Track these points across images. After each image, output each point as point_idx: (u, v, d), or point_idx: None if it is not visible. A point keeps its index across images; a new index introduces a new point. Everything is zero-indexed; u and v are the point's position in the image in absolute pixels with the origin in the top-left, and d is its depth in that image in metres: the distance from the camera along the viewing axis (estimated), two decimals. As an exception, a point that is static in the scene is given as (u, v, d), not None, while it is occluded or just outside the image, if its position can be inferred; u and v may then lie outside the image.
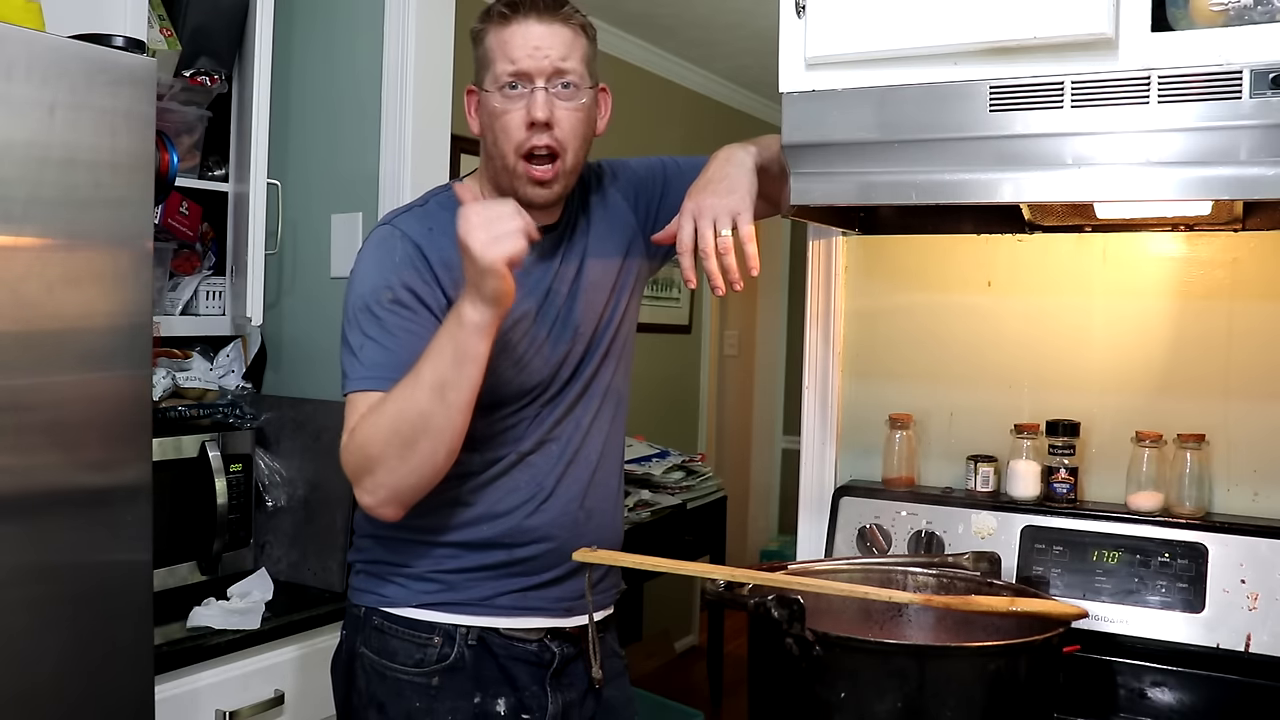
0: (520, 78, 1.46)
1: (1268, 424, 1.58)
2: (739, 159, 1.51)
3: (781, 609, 1.22)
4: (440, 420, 1.38)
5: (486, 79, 1.50)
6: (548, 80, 1.47)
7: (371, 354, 1.45)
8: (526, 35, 1.46)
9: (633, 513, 3.35)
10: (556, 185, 1.51)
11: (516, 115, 1.47)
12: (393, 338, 1.45)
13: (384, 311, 1.46)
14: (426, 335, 1.43)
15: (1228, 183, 1.20)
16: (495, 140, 1.50)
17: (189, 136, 2.28)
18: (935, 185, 1.33)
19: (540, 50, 1.46)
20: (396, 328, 1.45)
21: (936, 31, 1.30)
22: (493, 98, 1.48)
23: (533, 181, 1.49)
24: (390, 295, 1.46)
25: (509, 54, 1.46)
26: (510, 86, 1.47)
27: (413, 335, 1.45)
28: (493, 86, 1.48)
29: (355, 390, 1.45)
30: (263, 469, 2.34)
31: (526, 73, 1.46)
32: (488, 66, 1.49)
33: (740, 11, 3.96)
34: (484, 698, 1.53)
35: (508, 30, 1.47)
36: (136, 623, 1.66)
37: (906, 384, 1.82)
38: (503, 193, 1.53)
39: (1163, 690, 1.50)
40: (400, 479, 1.41)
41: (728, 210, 1.43)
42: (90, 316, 1.59)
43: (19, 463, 1.51)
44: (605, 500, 1.64)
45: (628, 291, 1.65)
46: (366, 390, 1.44)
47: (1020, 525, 1.63)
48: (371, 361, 1.45)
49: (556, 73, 1.47)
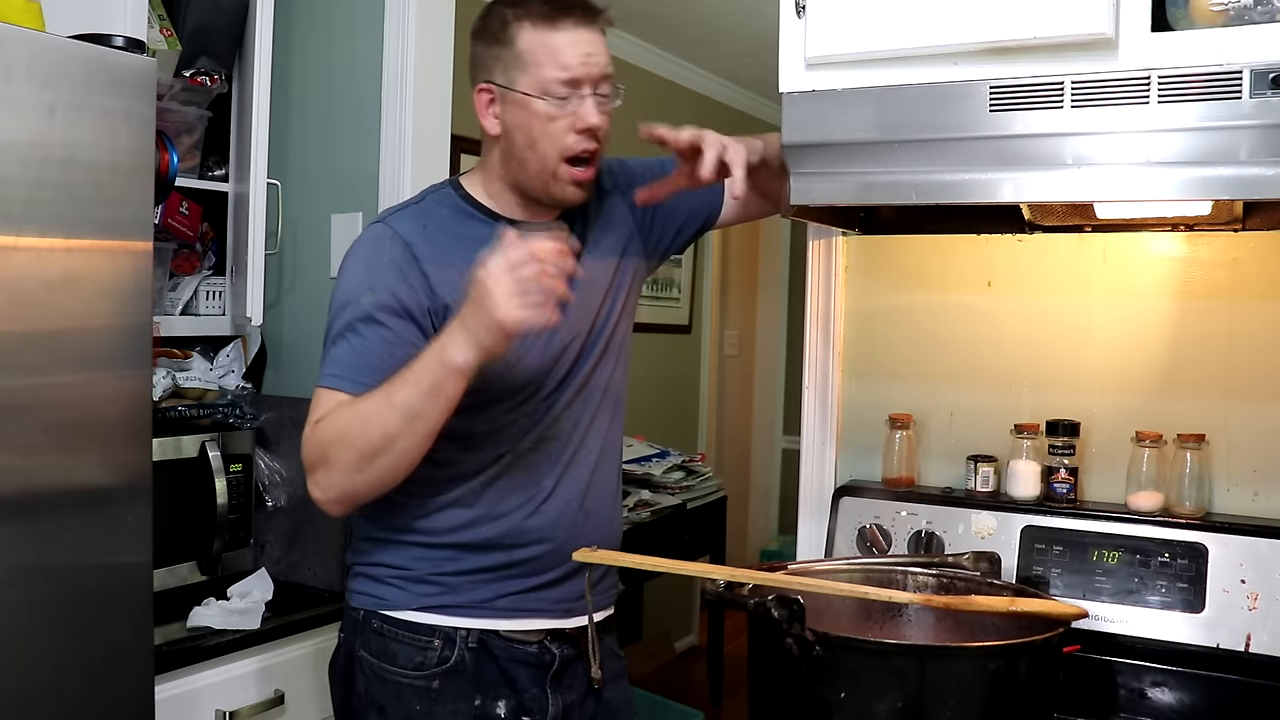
0: (574, 84, 1.45)
1: (1268, 424, 1.58)
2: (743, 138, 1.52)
3: (781, 609, 1.22)
4: (404, 444, 1.40)
5: (524, 81, 1.46)
6: (595, 86, 1.47)
7: (343, 354, 1.47)
8: (577, 41, 1.45)
9: (633, 513, 3.35)
10: (591, 185, 1.53)
11: (565, 121, 1.46)
12: (365, 341, 1.46)
13: (362, 314, 1.47)
14: (401, 342, 1.46)
15: (1228, 183, 1.20)
16: (533, 143, 1.48)
17: (189, 136, 2.28)
18: (935, 185, 1.33)
19: (591, 57, 1.46)
20: (371, 333, 1.46)
21: (936, 31, 1.30)
22: (536, 103, 1.46)
23: (574, 183, 1.50)
24: (371, 298, 1.47)
25: (560, 60, 1.44)
26: (562, 93, 1.45)
27: (386, 342, 1.46)
28: (535, 90, 1.45)
29: (323, 386, 1.47)
30: (263, 469, 2.34)
31: (579, 79, 1.45)
32: (526, 69, 1.46)
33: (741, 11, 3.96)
34: (484, 700, 1.53)
35: (556, 35, 1.45)
36: (136, 623, 1.66)
37: (906, 384, 1.82)
38: (523, 193, 1.54)
39: (1163, 690, 1.50)
40: (353, 484, 1.44)
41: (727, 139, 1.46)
42: (90, 316, 1.59)
43: (19, 463, 1.51)
44: (604, 500, 1.64)
45: (625, 290, 1.65)
46: (332, 389, 1.46)
47: (1020, 525, 1.63)
48: (341, 361, 1.47)
49: (604, 79, 1.48)
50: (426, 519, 1.54)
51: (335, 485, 1.45)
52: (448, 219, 1.54)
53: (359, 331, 1.47)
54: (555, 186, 1.50)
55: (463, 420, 1.52)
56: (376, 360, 1.45)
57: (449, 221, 1.54)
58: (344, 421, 1.43)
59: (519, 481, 1.54)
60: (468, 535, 1.53)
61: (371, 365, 1.45)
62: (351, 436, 1.41)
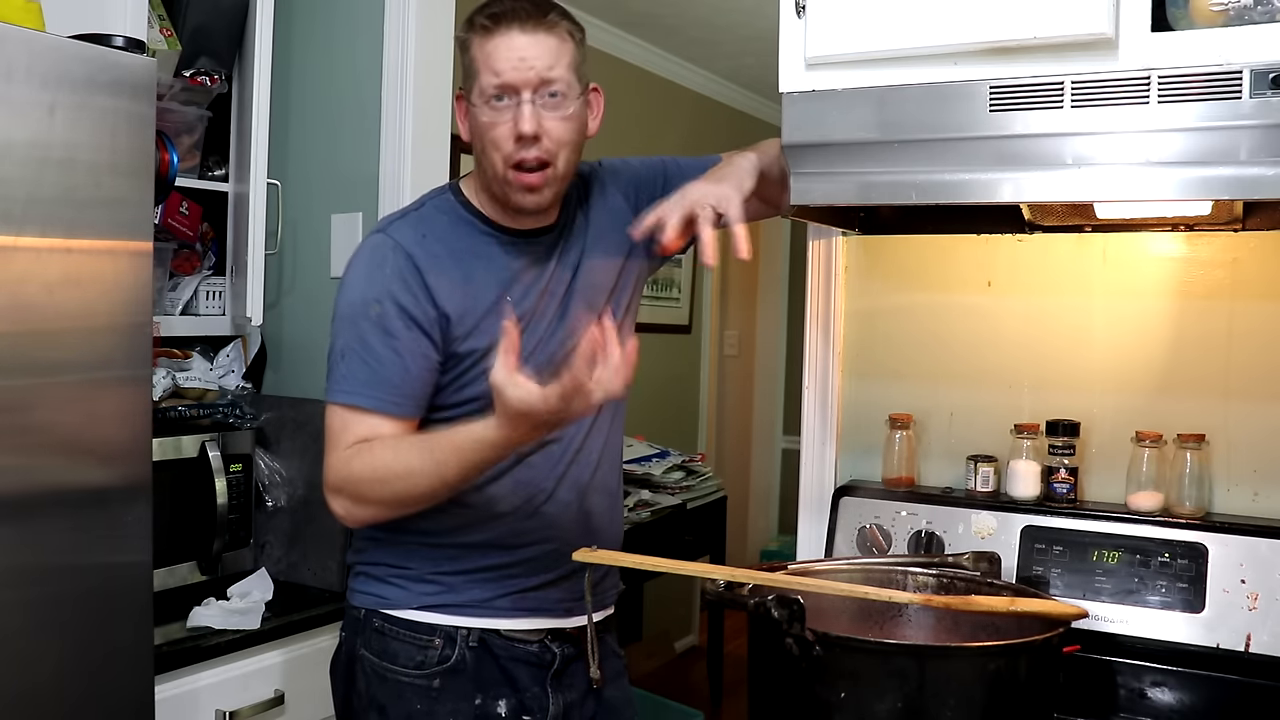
0: (506, 90, 1.44)
1: (1268, 424, 1.58)
2: (738, 162, 1.52)
3: (781, 609, 1.22)
4: (436, 497, 1.43)
5: (472, 90, 1.48)
6: (534, 92, 1.44)
7: (355, 368, 1.47)
8: (510, 47, 1.44)
9: (633, 513, 3.35)
10: (547, 191, 1.50)
11: (504, 128, 1.45)
12: (376, 355, 1.46)
13: (369, 326, 1.47)
14: (411, 354, 1.46)
15: (1228, 183, 1.20)
16: (484, 150, 1.49)
17: (189, 136, 2.28)
18: (935, 185, 1.33)
19: (525, 62, 1.43)
20: (382, 346, 1.46)
21: (936, 31, 1.30)
22: (480, 110, 1.47)
23: (524, 188, 1.48)
24: (377, 310, 1.46)
25: (493, 66, 1.44)
26: (496, 99, 1.45)
27: (397, 354, 1.46)
28: (479, 99, 1.46)
29: (335, 402, 1.47)
30: (263, 469, 2.34)
31: (512, 85, 1.44)
32: (474, 77, 1.47)
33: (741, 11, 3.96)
34: (485, 699, 1.53)
35: (491, 41, 1.44)
36: (136, 623, 1.66)
37: (906, 384, 1.82)
38: (496, 199, 1.53)
39: (1163, 690, 1.50)
40: (376, 517, 1.49)
41: (716, 195, 1.43)
42: (90, 316, 1.59)
43: (19, 463, 1.51)
44: (605, 500, 1.64)
45: (628, 291, 1.65)
46: (348, 405, 1.46)
47: (1020, 525, 1.63)
48: (354, 376, 1.47)
49: (543, 83, 1.45)
50: (427, 519, 1.53)
51: (359, 515, 1.48)
52: (446, 227, 1.54)
53: (369, 345, 1.46)
54: (510, 192, 1.49)
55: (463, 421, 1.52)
56: (389, 373, 1.46)
57: (447, 230, 1.54)
58: (382, 467, 1.43)
59: (519, 482, 1.54)
60: (468, 535, 1.54)
61: (384, 378, 1.45)
62: (389, 484, 1.43)
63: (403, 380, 1.46)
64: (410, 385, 1.47)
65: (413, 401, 1.48)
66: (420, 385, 1.48)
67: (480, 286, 1.51)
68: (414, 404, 1.48)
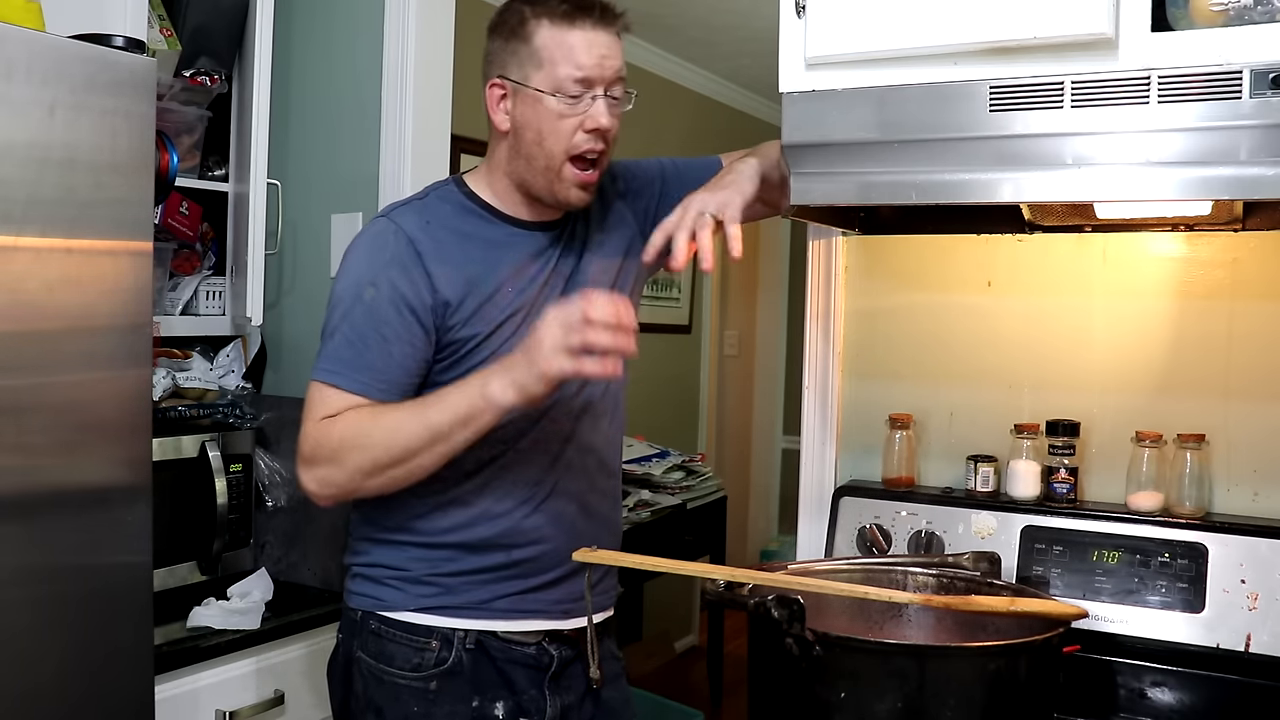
0: (586, 84, 1.46)
1: (1268, 424, 1.58)
2: (739, 169, 1.54)
3: (781, 609, 1.22)
4: (422, 460, 1.42)
5: (538, 78, 1.47)
6: (607, 88, 1.48)
7: (339, 348, 1.48)
8: (593, 42, 1.46)
9: (633, 513, 3.35)
10: (594, 187, 1.53)
11: (574, 120, 1.47)
12: (363, 337, 1.47)
13: (360, 308, 1.47)
14: (399, 340, 1.47)
15: (1228, 183, 1.20)
16: (541, 140, 1.49)
17: (189, 136, 2.28)
18: (935, 185, 1.33)
19: (606, 59, 1.47)
20: (370, 328, 1.47)
21: (936, 31, 1.30)
22: (548, 99, 1.46)
23: (578, 185, 1.50)
24: (372, 293, 1.47)
25: (575, 59, 1.45)
26: (574, 93, 1.46)
27: (385, 339, 1.47)
28: (548, 88, 1.46)
29: (318, 379, 1.48)
30: (263, 469, 2.34)
31: (592, 79, 1.46)
32: (541, 66, 1.46)
33: (740, 11, 3.96)
34: (482, 701, 1.53)
35: (573, 34, 1.45)
36: (137, 623, 1.66)
37: (906, 384, 1.82)
38: (528, 191, 1.54)
39: (1163, 690, 1.50)
40: (356, 487, 1.47)
41: (716, 202, 1.46)
42: (90, 316, 1.59)
43: (19, 463, 1.51)
44: (604, 500, 1.64)
45: (627, 290, 1.65)
46: (328, 383, 1.47)
47: (1020, 525, 1.63)
48: (338, 356, 1.48)
49: (617, 80, 1.49)
50: (423, 519, 1.54)
51: (338, 484, 1.46)
52: (450, 215, 1.55)
53: (357, 327, 1.47)
54: (559, 186, 1.50)
55: None
56: (374, 357, 1.46)
57: (451, 218, 1.54)
58: (364, 428, 1.44)
59: (517, 481, 1.54)
60: (465, 535, 1.53)
61: (368, 362, 1.46)
62: (370, 444, 1.43)
63: (385, 365, 1.46)
64: (392, 371, 1.47)
65: (395, 387, 1.48)
66: (403, 372, 1.48)
67: (482, 273, 1.51)
68: (396, 390, 1.48)
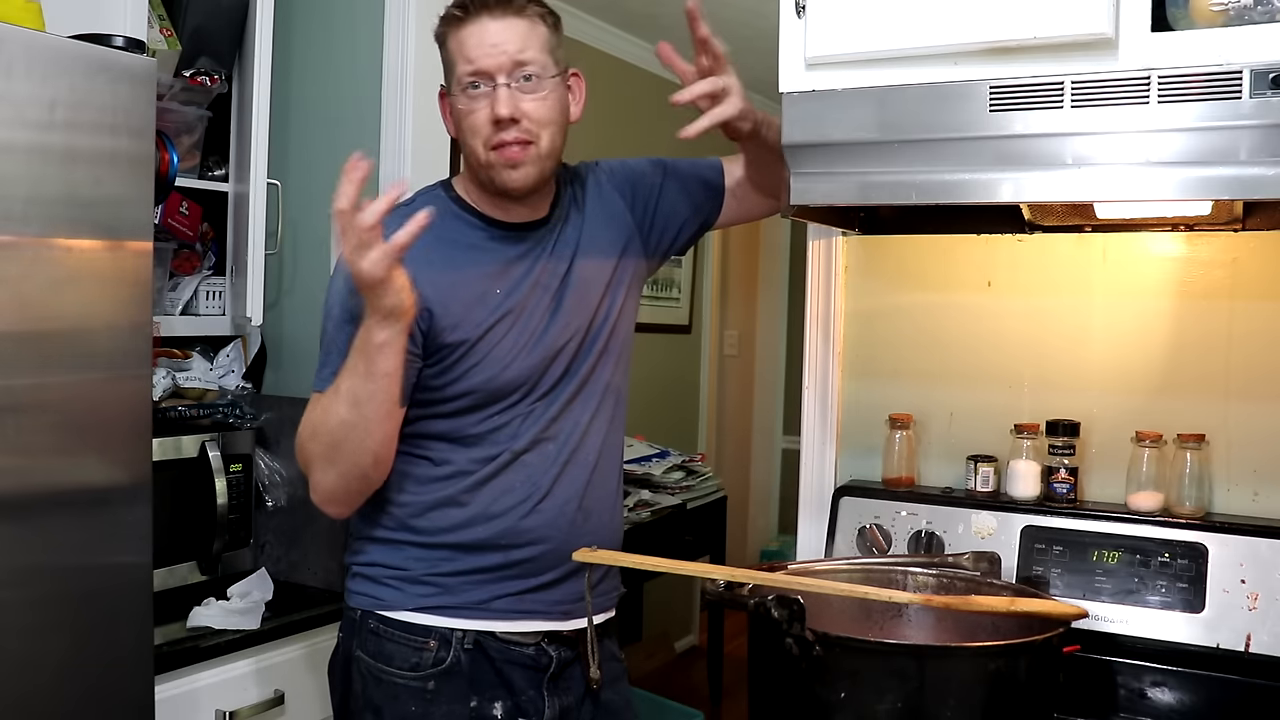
0: (480, 76, 1.47)
1: (1268, 424, 1.58)
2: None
3: (781, 609, 1.22)
4: (359, 431, 1.44)
5: (451, 82, 1.51)
6: (509, 75, 1.47)
7: (330, 357, 1.50)
8: (482, 33, 1.47)
9: (633, 513, 3.35)
10: (530, 168, 1.50)
11: (481, 114, 1.48)
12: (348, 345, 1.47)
13: (347, 320, 1.48)
14: None
15: (1228, 183, 1.20)
16: (464, 138, 1.51)
17: (189, 136, 2.28)
18: (935, 185, 1.33)
19: (497, 46, 1.46)
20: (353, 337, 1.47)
21: (936, 31, 1.30)
22: (458, 100, 1.50)
23: (506, 164, 1.49)
24: (355, 302, 1.47)
25: (466, 54, 1.47)
26: (473, 86, 1.48)
27: None
28: (456, 89, 1.50)
29: (315, 390, 1.51)
30: (263, 469, 2.34)
31: (485, 71, 1.47)
32: (452, 69, 1.50)
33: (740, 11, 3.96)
34: (480, 702, 1.53)
35: (464, 30, 1.48)
36: (136, 623, 1.66)
37: (906, 384, 1.82)
38: (484, 190, 1.55)
39: (1163, 690, 1.50)
40: (332, 482, 1.50)
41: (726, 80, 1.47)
42: (90, 316, 1.59)
43: (19, 463, 1.51)
44: (604, 500, 1.63)
45: (624, 289, 1.65)
46: (318, 393, 1.50)
47: (1020, 525, 1.63)
48: (328, 365, 1.50)
49: (516, 65, 1.47)
50: (422, 518, 1.54)
51: (319, 485, 1.51)
52: (436, 222, 1.54)
53: (347, 337, 1.48)
54: (495, 174, 1.51)
55: (457, 421, 1.52)
56: None
57: (437, 224, 1.53)
58: (309, 418, 1.49)
59: (515, 481, 1.54)
60: (463, 535, 1.53)
61: None
62: (318, 432, 1.47)
63: None
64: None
65: None
66: None
67: (468, 278, 1.51)
68: None
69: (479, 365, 1.50)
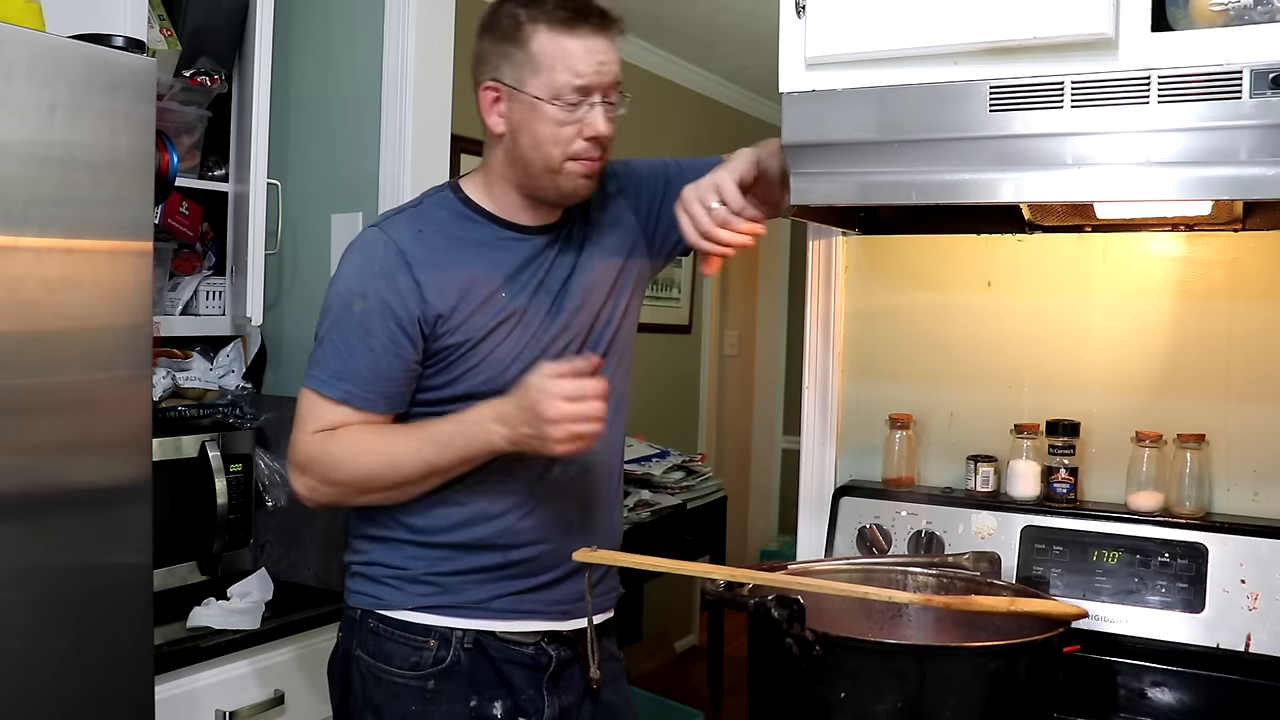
0: (583, 92, 1.45)
1: (1268, 424, 1.58)
2: (737, 154, 1.52)
3: (781, 609, 1.22)
4: (410, 489, 1.50)
5: (534, 84, 1.45)
6: (604, 95, 1.47)
7: (328, 357, 1.51)
8: (591, 49, 1.45)
9: (633, 513, 3.35)
10: (595, 181, 1.53)
11: (573, 127, 1.46)
12: (350, 348, 1.49)
13: (349, 319, 1.49)
14: (386, 352, 1.48)
15: (1228, 183, 1.20)
16: (538, 145, 1.48)
17: (189, 136, 2.28)
18: (935, 185, 1.33)
19: (605, 66, 1.46)
20: (358, 340, 1.49)
21: (936, 31, 1.30)
22: (545, 106, 1.45)
23: (583, 174, 1.50)
24: (361, 304, 1.48)
25: (574, 66, 1.44)
26: (575, 98, 1.45)
27: (371, 351, 1.48)
28: (546, 94, 1.45)
29: (308, 387, 1.52)
30: (263, 469, 2.34)
31: (593, 87, 1.46)
32: (538, 72, 1.45)
33: (740, 11, 3.96)
34: (480, 701, 1.53)
35: (571, 40, 1.44)
36: (136, 623, 1.66)
37: (906, 384, 1.82)
38: (528, 193, 1.54)
39: (1163, 690, 1.50)
40: (345, 500, 1.55)
41: (708, 184, 1.43)
42: (90, 316, 1.59)
43: (19, 463, 1.51)
44: (604, 501, 1.63)
45: (628, 291, 1.65)
46: (317, 392, 1.51)
47: (1020, 525, 1.63)
48: (325, 365, 1.51)
49: (614, 86, 1.48)
50: (421, 517, 1.54)
51: (329, 497, 1.53)
52: (445, 222, 1.54)
53: (346, 337, 1.49)
54: (563, 180, 1.50)
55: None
56: (360, 368, 1.48)
57: (446, 225, 1.54)
58: (360, 453, 1.49)
59: (514, 482, 1.54)
60: (461, 535, 1.53)
61: (354, 372, 1.49)
62: (366, 471, 1.49)
63: (373, 376, 1.48)
64: (380, 382, 1.49)
65: (382, 398, 1.50)
66: (391, 383, 1.50)
67: (474, 279, 1.51)
68: (384, 400, 1.50)
69: (479, 367, 1.50)
